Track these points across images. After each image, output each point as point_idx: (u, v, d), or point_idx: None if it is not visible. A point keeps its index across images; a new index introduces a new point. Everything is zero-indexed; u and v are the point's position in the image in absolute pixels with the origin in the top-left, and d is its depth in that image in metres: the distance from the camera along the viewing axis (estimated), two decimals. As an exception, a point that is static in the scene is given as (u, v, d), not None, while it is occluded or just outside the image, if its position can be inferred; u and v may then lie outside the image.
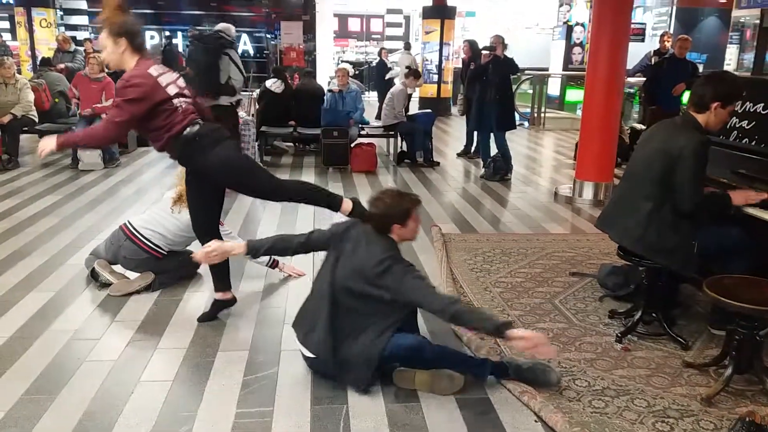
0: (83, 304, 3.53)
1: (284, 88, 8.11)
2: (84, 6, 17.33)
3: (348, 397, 2.63)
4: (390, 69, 12.96)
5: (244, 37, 17.31)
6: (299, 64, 14.63)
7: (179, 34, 17.58)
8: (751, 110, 3.50)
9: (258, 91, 8.41)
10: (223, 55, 5.89)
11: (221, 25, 6.12)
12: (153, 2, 17.76)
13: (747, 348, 2.65)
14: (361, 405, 2.58)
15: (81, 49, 11.58)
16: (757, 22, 13.00)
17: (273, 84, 8.10)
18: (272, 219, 5.27)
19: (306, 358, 2.79)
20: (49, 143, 3.01)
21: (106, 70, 7.39)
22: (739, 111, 3.57)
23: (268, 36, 17.18)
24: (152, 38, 17.98)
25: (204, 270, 3.98)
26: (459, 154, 8.59)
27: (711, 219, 3.03)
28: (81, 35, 15.81)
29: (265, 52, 17.00)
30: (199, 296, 3.67)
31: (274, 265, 3.92)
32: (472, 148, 8.47)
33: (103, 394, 2.64)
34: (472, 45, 9.49)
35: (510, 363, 2.75)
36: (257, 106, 8.30)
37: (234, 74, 5.94)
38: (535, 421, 2.49)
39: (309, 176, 7.09)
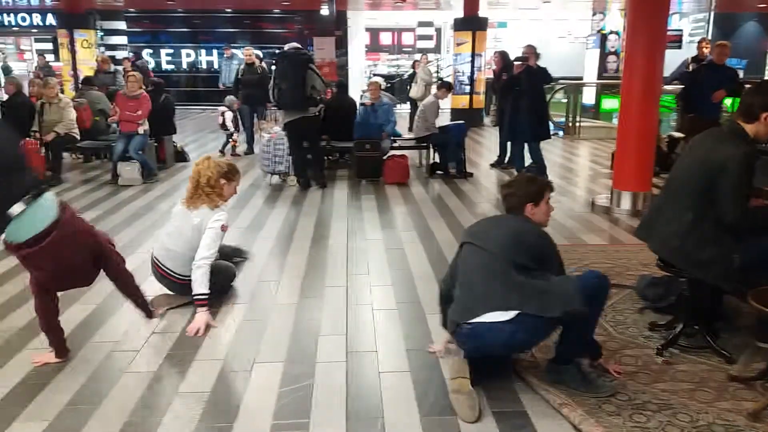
0: (123, 317, 3.60)
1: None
2: (123, 27, 17.89)
3: (384, 410, 2.62)
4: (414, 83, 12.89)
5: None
6: (332, 78, 14.79)
7: (214, 52, 17.98)
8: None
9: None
10: (308, 69, 6.68)
11: (293, 44, 6.92)
12: (189, 21, 18.24)
13: (796, 361, 2.56)
14: (397, 417, 2.57)
15: (119, 68, 11.96)
16: (800, 25, 12.66)
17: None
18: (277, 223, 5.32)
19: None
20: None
21: (144, 87, 7.60)
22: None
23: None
24: (188, 56, 18.45)
25: (239, 282, 4.05)
26: (492, 165, 8.53)
27: (760, 233, 2.93)
28: (120, 54, 16.32)
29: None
30: (236, 309, 3.71)
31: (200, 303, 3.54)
32: (506, 159, 8.41)
33: (143, 405, 2.69)
34: (503, 56, 9.46)
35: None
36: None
37: (318, 85, 6.77)
38: (575, 435, 2.44)
39: (342, 189, 7.13)
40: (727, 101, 6.84)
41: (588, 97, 13.68)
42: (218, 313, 3.65)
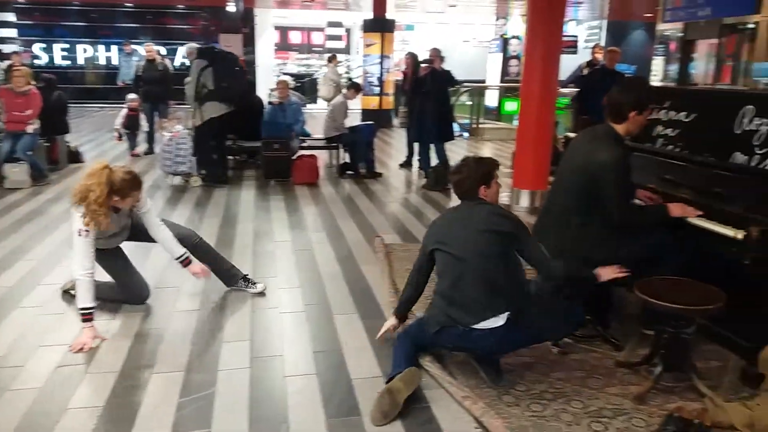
0: (7, 329, 3.34)
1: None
2: (13, 18, 16.67)
3: (288, 414, 2.58)
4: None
5: (182, 50, 16.99)
6: (239, 76, 14.44)
7: (114, 47, 17.09)
8: (675, 119, 3.66)
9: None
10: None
11: (215, 44, 7.18)
12: (86, 15, 17.24)
13: (675, 346, 2.75)
14: (302, 420, 2.54)
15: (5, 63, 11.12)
16: (681, 35, 13.69)
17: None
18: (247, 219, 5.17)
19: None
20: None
21: (33, 83, 7.11)
22: (664, 119, 3.73)
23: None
24: (85, 51, 17.44)
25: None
26: (401, 165, 8.65)
27: (650, 229, 3.12)
28: (8, 48, 15.19)
29: (204, 64, 16.68)
30: (133, 318, 3.53)
31: (186, 263, 3.68)
32: (413, 159, 8.54)
33: (28, 424, 2.50)
34: (413, 58, 9.61)
35: None
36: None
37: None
38: (476, 427, 2.50)
39: (249, 189, 6.99)
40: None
41: (491, 99, 14.15)
42: (113, 321, 3.46)
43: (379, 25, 13.06)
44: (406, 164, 8.62)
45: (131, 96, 9.04)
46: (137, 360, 3.04)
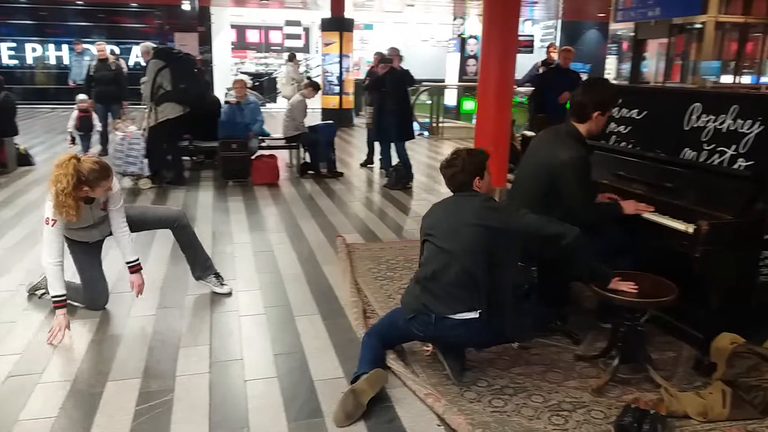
0: (-48, 340, 3.21)
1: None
2: None
3: (249, 419, 2.55)
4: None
5: (136, 49, 16.63)
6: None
7: (64, 46, 16.57)
8: (627, 116, 3.75)
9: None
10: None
11: (173, 45, 7.04)
12: (35, 13, 16.67)
13: (630, 338, 2.82)
14: (264, 425, 2.51)
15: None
16: (632, 34, 14.06)
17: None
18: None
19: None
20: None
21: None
22: (617, 117, 3.82)
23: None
24: (34, 51, 16.87)
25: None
26: (362, 165, 8.64)
27: (605, 226, 3.18)
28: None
29: (160, 64, 16.34)
30: (87, 325, 3.43)
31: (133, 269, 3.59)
32: (374, 158, 8.54)
33: (-25, 438, 2.41)
34: (383, 57, 9.58)
35: None
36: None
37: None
38: (438, 425, 2.51)
39: (207, 191, 6.87)
40: (572, 102, 7.39)
41: (450, 98, 14.27)
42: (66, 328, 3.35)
43: (338, 25, 13.01)
44: (367, 163, 8.61)
45: (81, 97, 8.77)
46: (92, 367, 2.95)
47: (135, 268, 3.55)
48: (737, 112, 3.01)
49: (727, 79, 12.70)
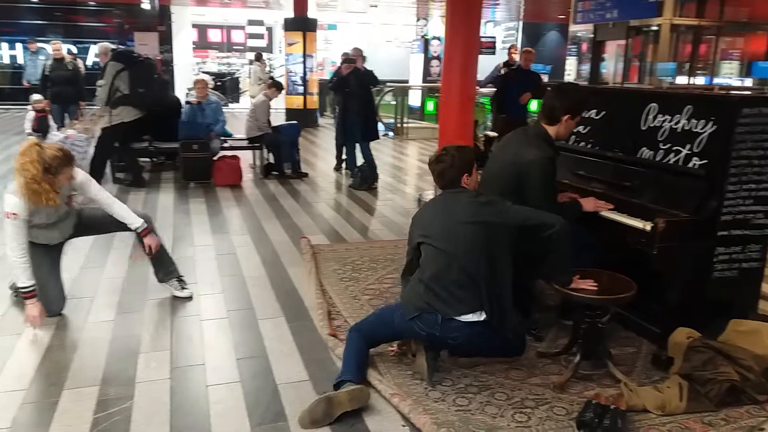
0: None
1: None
2: None
3: (212, 424, 2.50)
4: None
5: (94, 48, 16.25)
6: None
7: (18, 45, 16.07)
8: (586, 116, 3.81)
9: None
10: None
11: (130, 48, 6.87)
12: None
13: (591, 335, 2.87)
14: (226, 430, 2.47)
15: None
16: (591, 36, 14.35)
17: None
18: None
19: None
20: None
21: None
22: (576, 117, 3.87)
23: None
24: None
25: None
26: (335, 169, 8.48)
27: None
28: None
29: (119, 64, 16.00)
30: (42, 332, 3.32)
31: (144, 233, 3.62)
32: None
33: None
34: (347, 57, 9.55)
35: None
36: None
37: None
38: (403, 425, 2.51)
39: (168, 192, 6.74)
40: (533, 103, 7.51)
41: (414, 99, 14.32)
42: (21, 335, 3.25)
43: (301, 24, 12.94)
44: (338, 167, 8.42)
45: (35, 97, 8.53)
46: (48, 376, 2.86)
47: (145, 231, 3.57)
48: (691, 112, 3.09)
49: (682, 79, 13.07)
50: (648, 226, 2.83)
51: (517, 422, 2.52)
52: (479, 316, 2.71)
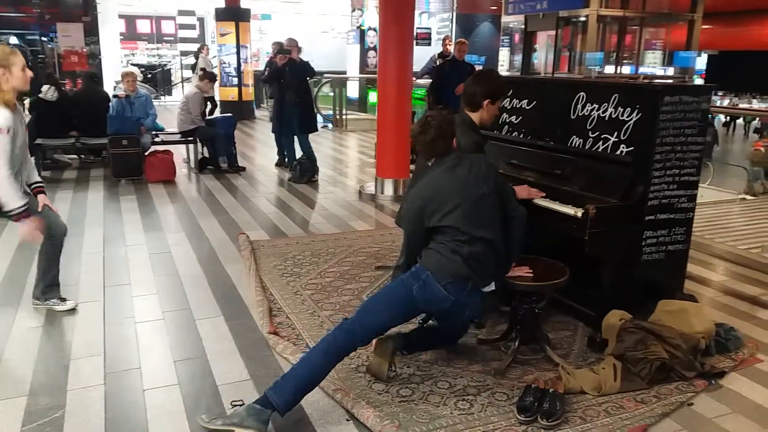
0: None
1: (59, 96, 7.33)
2: None
3: (149, 429, 2.42)
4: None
5: (14, 40, 15.42)
6: (83, 68, 13.40)
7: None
8: (518, 106, 3.88)
9: (29, 100, 7.47)
10: None
11: None
12: None
13: (529, 321, 2.94)
14: (163, 426, 2.39)
15: None
16: (523, 27, 14.65)
17: (46, 91, 7.27)
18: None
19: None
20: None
21: None
22: (509, 107, 3.94)
23: (44, 39, 15.43)
24: None
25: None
26: (277, 164, 8.27)
27: None
28: None
29: (41, 56, 15.22)
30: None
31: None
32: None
33: None
34: (281, 48, 9.38)
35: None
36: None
37: None
38: (347, 420, 2.50)
39: (97, 191, 6.47)
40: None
41: (353, 90, 14.26)
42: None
43: (233, 14, 12.64)
44: (282, 161, 8.10)
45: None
46: (-32, 390, 2.70)
47: (22, 216, 3.13)
48: (618, 100, 3.20)
49: (609, 69, 13.54)
50: (579, 213, 2.91)
51: (460, 410, 2.56)
52: (492, 286, 2.77)
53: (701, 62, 16.92)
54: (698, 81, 15.12)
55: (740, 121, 14.15)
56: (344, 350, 2.58)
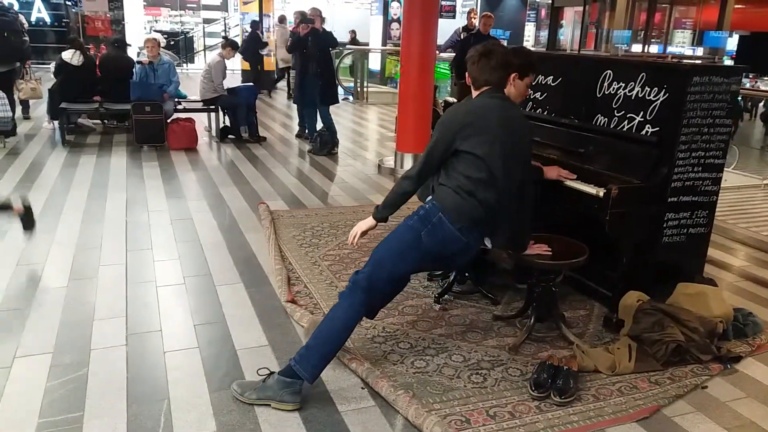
0: None
1: (84, 60, 7.37)
2: None
3: (170, 390, 2.49)
4: (265, 44, 12.19)
5: (38, 3, 15.49)
6: (106, 34, 13.43)
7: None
8: (543, 83, 3.83)
9: (53, 63, 7.53)
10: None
11: None
12: None
13: (545, 299, 2.94)
14: (185, 396, 2.45)
15: None
16: (550, 2, 14.37)
17: (71, 56, 7.31)
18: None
19: None
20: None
21: None
22: (534, 84, 3.89)
23: (68, 3, 15.47)
24: None
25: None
26: (297, 135, 8.29)
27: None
28: None
29: (65, 20, 15.28)
30: (-11, 298, 3.22)
31: None
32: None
33: None
34: (303, 17, 9.29)
35: None
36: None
37: None
38: (362, 388, 2.55)
39: (120, 156, 6.54)
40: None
41: (374, 63, 14.15)
42: (-34, 305, 3.15)
43: (257, -18, 12.57)
44: (303, 132, 8.09)
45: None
46: (-4, 345, 2.78)
47: None
48: (645, 79, 3.14)
49: (637, 47, 13.27)
50: (601, 192, 2.89)
51: (474, 383, 2.59)
52: (488, 244, 2.77)
53: (732, 43, 16.47)
54: (728, 62, 14.76)
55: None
56: (363, 313, 2.54)
